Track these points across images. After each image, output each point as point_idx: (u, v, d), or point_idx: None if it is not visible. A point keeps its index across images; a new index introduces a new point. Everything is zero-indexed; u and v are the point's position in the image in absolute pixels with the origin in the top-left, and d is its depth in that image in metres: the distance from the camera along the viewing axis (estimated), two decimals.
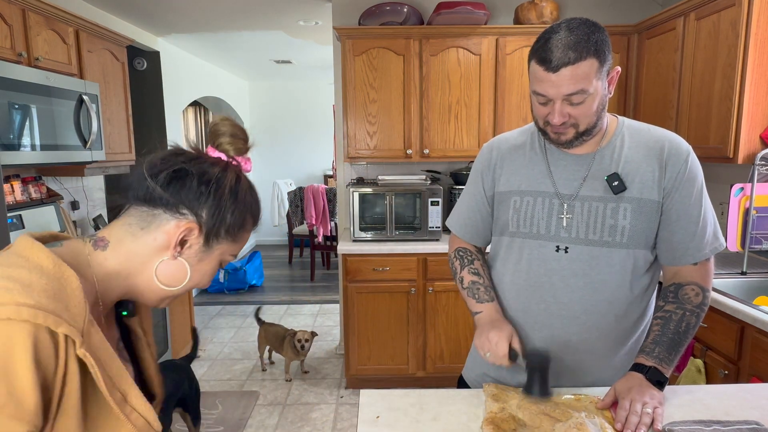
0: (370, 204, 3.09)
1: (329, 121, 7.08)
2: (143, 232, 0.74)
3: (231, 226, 0.78)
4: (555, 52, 1.00)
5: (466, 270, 1.29)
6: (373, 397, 1.13)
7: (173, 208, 0.74)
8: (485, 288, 1.24)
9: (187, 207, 0.74)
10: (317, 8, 3.56)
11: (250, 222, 0.81)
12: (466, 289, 1.26)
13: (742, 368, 1.81)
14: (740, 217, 2.18)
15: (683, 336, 1.09)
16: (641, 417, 0.97)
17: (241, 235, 0.80)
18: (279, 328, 3.36)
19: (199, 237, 0.76)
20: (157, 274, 0.75)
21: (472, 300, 1.24)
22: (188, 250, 0.76)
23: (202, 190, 0.75)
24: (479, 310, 1.21)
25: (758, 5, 2.07)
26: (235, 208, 0.77)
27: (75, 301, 0.63)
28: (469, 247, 1.34)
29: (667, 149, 1.12)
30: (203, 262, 0.78)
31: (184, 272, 0.77)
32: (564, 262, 1.14)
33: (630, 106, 3.06)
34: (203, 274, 0.79)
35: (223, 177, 0.76)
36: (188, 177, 0.74)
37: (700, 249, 1.12)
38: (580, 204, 1.14)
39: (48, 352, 0.58)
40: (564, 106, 1.05)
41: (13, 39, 2.23)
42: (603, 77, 1.04)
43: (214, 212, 0.76)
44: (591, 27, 1.02)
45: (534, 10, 3.03)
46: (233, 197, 0.77)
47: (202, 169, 0.76)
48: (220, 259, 0.80)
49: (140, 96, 4.20)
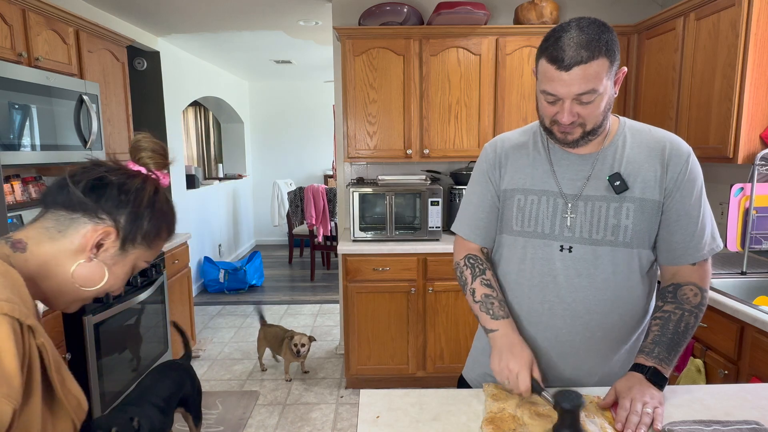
0: (370, 204, 3.09)
1: (329, 121, 7.09)
2: (61, 235, 0.77)
3: (147, 233, 0.82)
4: (567, 50, 0.99)
5: (478, 281, 1.23)
6: (373, 397, 1.14)
7: (92, 213, 0.77)
8: (499, 303, 1.19)
9: (106, 212, 0.78)
10: (317, 8, 3.56)
11: (165, 231, 0.86)
12: (479, 303, 1.21)
13: (742, 368, 1.81)
14: (740, 217, 2.18)
15: (682, 336, 1.09)
16: (641, 417, 0.97)
17: (156, 243, 0.85)
18: (278, 329, 3.35)
19: (116, 241, 0.80)
20: (75, 277, 0.78)
21: (485, 315, 1.18)
22: (104, 253, 0.79)
23: (121, 198, 0.79)
24: (495, 328, 1.16)
25: (758, 5, 2.07)
26: (152, 217, 0.82)
27: (25, 295, 0.69)
28: (479, 254, 1.28)
29: (668, 150, 1.12)
30: (117, 266, 0.82)
31: (101, 274, 0.80)
32: (568, 261, 1.14)
33: (630, 106, 3.06)
34: (117, 277, 0.82)
35: (143, 188, 0.82)
36: (109, 185, 0.79)
37: (698, 249, 1.12)
38: (584, 203, 1.14)
39: (20, 341, 0.64)
40: (573, 106, 1.04)
41: (13, 39, 2.23)
42: (612, 77, 1.04)
43: (131, 219, 0.80)
44: (601, 26, 1.01)
45: (534, 10, 3.03)
46: (151, 206, 0.82)
47: (123, 179, 0.80)
48: (134, 264, 0.84)
49: (140, 96, 4.20)
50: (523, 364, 1.05)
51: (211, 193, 5.77)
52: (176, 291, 3.32)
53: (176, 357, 3.25)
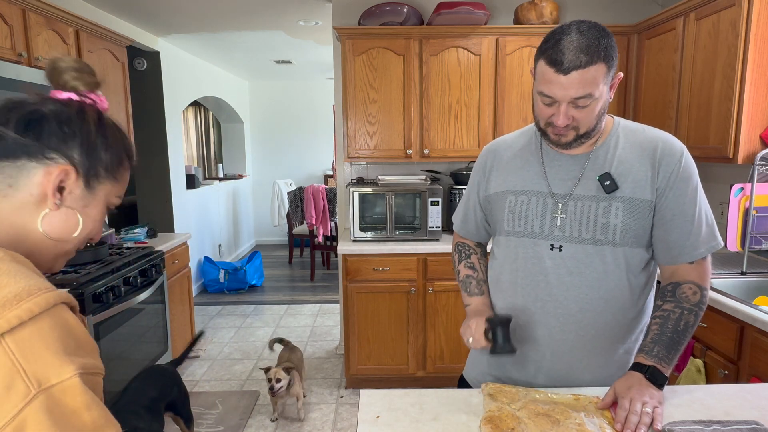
0: (370, 204, 3.09)
1: (329, 121, 7.09)
2: (13, 189, 0.67)
3: (109, 163, 0.73)
4: (567, 54, 1.00)
5: (463, 264, 1.37)
6: (373, 397, 1.14)
7: (38, 154, 0.67)
8: (477, 282, 1.32)
9: (53, 150, 0.68)
10: (317, 8, 3.56)
11: (125, 158, 0.77)
12: (461, 282, 1.35)
13: (742, 368, 1.81)
14: (740, 217, 2.18)
15: (682, 335, 1.09)
16: (641, 417, 0.97)
17: (121, 173, 0.76)
18: (284, 354, 2.93)
19: (78, 180, 0.70)
20: (46, 231, 0.69)
21: (464, 293, 1.33)
22: (69, 196, 0.70)
23: (65, 131, 0.68)
24: (469, 303, 1.30)
25: (758, 5, 2.07)
26: (107, 145, 0.72)
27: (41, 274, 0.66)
28: (469, 242, 1.42)
29: (660, 149, 1.13)
30: (90, 207, 0.73)
31: (74, 220, 0.71)
32: (558, 260, 1.16)
33: (630, 106, 3.06)
34: (93, 219, 0.74)
35: (84, 114, 0.71)
36: (44, 119, 0.68)
37: (696, 248, 1.12)
38: (574, 203, 1.15)
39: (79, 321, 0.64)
40: (569, 109, 1.06)
41: (13, 39, 2.23)
42: (608, 82, 1.05)
43: (86, 152, 0.70)
44: (601, 31, 1.02)
45: (534, 10, 3.03)
46: (101, 133, 0.72)
47: (57, 109, 0.69)
48: (106, 201, 0.75)
49: (140, 96, 4.20)
50: (480, 320, 1.16)
51: (211, 193, 5.77)
52: (176, 291, 3.32)
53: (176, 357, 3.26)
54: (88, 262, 2.53)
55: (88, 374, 0.60)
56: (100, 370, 0.63)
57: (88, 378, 0.60)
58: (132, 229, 3.33)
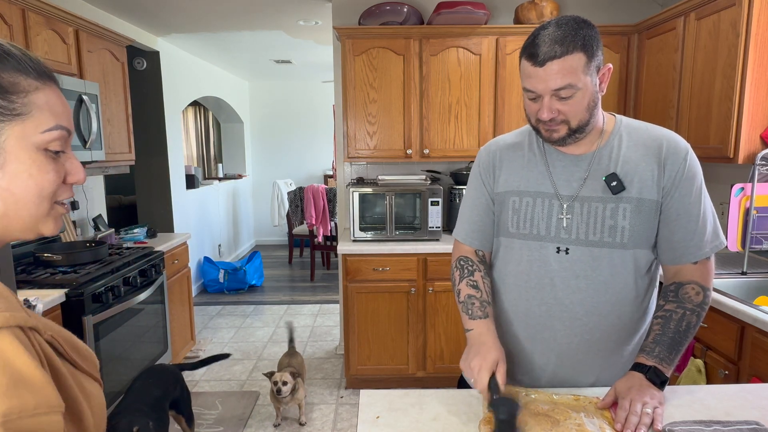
0: (370, 204, 3.09)
1: (329, 121, 7.08)
2: None
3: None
4: (542, 46, 1.01)
5: (465, 282, 1.24)
6: (373, 397, 1.13)
7: None
8: (480, 303, 1.19)
9: None
10: (317, 8, 3.56)
11: (19, 73, 0.55)
12: (462, 304, 1.22)
13: (742, 368, 1.81)
14: (740, 217, 2.18)
15: (684, 335, 1.09)
16: (641, 417, 0.97)
17: (21, 100, 0.55)
18: (284, 359, 2.91)
19: None
20: None
21: (465, 316, 1.20)
22: None
23: None
24: (471, 328, 1.18)
25: (758, 5, 2.07)
26: None
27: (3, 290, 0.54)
28: (472, 256, 1.28)
29: (665, 148, 1.11)
30: (8, 163, 0.55)
31: None
32: (565, 263, 1.14)
33: (630, 106, 3.06)
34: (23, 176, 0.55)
35: None
36: None
37: (700, 248, 1.11)
38: (580, 205, 1.13)
39: (30, 348, 0.53)
40: (553, 102, 1.05)
41: (13, 39, 2.23)
42: (592, 73, 1.04)
43: None
44: (580, 23, 1.02)
45: (534, 10, 3.03)
46: None
47: None
48: (31, 145, 0.56)
49: (140, 96, 4.20)
50: (485, 364, 1.04)
51: (210, 193, 5.77)
52: (176, 291, 3.32)
53: (176, 357, 3.26)
54: (88, 262, 2.53)
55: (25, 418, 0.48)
56: (48, 409, 0.50)
57: (22, 423, 0.48)
58: (132, 229, 3.33)
